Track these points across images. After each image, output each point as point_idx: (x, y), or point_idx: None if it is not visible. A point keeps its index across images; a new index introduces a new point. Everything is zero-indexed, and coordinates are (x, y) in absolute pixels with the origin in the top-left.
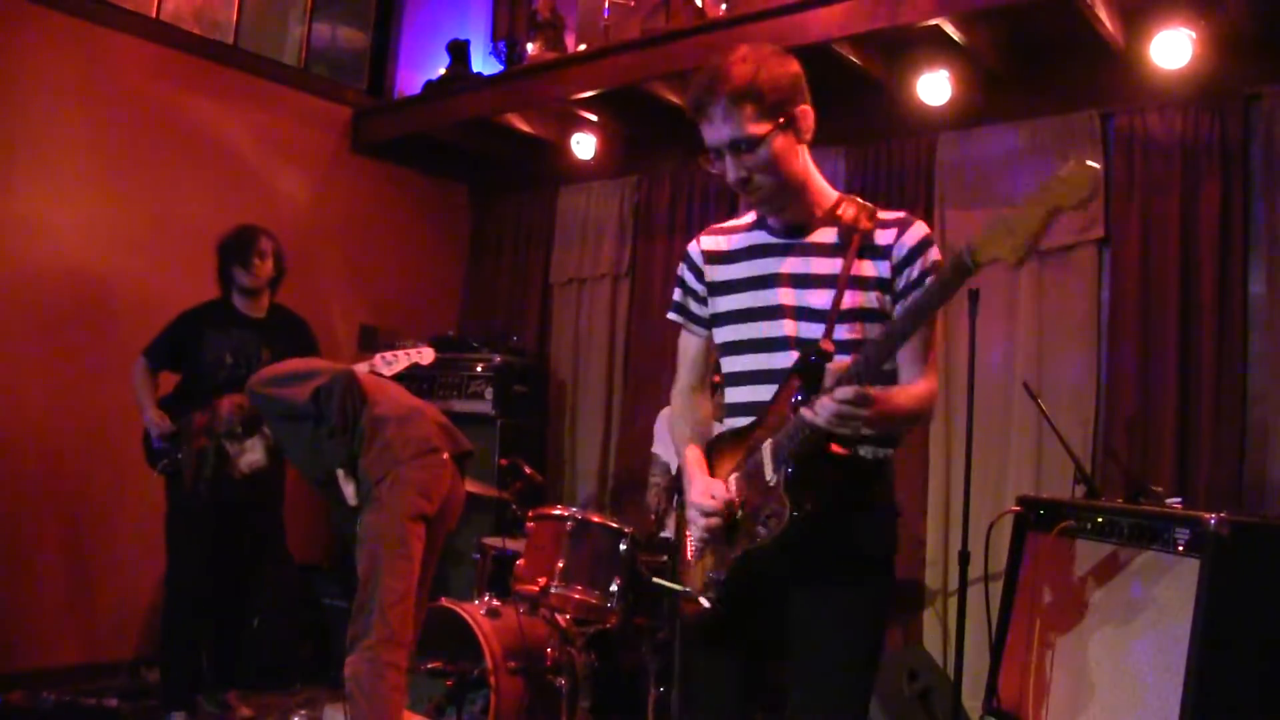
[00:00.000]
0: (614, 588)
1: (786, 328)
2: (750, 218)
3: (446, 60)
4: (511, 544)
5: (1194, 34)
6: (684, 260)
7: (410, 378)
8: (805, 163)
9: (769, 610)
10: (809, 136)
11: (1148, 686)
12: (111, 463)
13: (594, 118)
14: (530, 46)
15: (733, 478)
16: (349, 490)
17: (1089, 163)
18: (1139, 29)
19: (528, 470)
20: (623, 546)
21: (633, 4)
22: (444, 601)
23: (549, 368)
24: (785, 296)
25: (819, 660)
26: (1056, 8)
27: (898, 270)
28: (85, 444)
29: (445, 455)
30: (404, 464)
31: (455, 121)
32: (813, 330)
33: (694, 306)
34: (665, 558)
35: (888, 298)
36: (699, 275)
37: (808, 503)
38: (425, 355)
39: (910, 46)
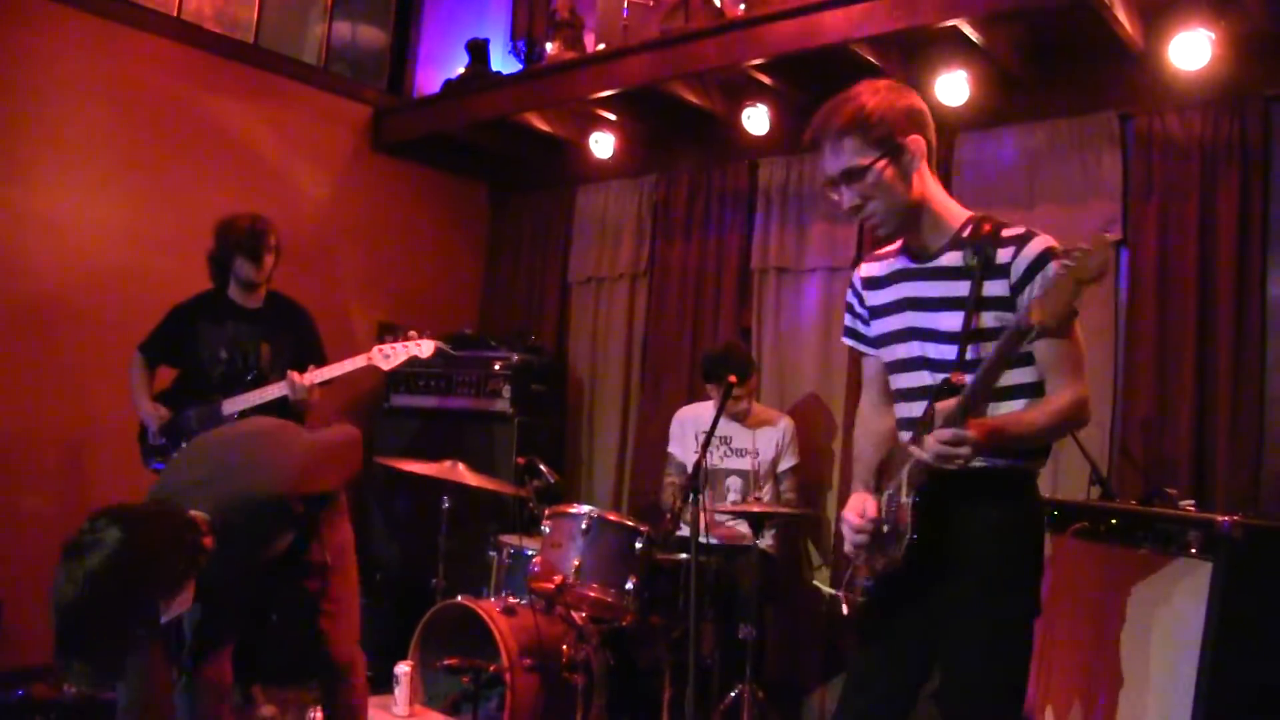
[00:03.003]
0: (629, 586)
1: (916, 349)
2: (898, 243)
3: (466, 59)
4: (528, 542)
5: (1213, 35)
6: (850, 287)
7: (429, 376)
8: (923, 189)
9: (916, 614)
10: (920, 163)
11: (1161, 688)
12: (133, 459)
13: (613, 117)
14: (549, 46)
15: (886, 495)
16: None
17: (1106, 235)
18: (1158, 30)
19: (544, 468)
20: (638, 545)
21: (651, 4)
22: (460, 599)
23: (567, 366)
24: (916, 319)
25: (947, 670)
26: (1075, 9)
27: (1017, 289)
28: (107, 440)
29: None
30: None
31: (474, 120)
32: (940, 351)
33: (862, 329)
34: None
35: (1011, 316)
36: (861, 301)
37: (928, 526)
38: (425, 348)
39: (928, 47)
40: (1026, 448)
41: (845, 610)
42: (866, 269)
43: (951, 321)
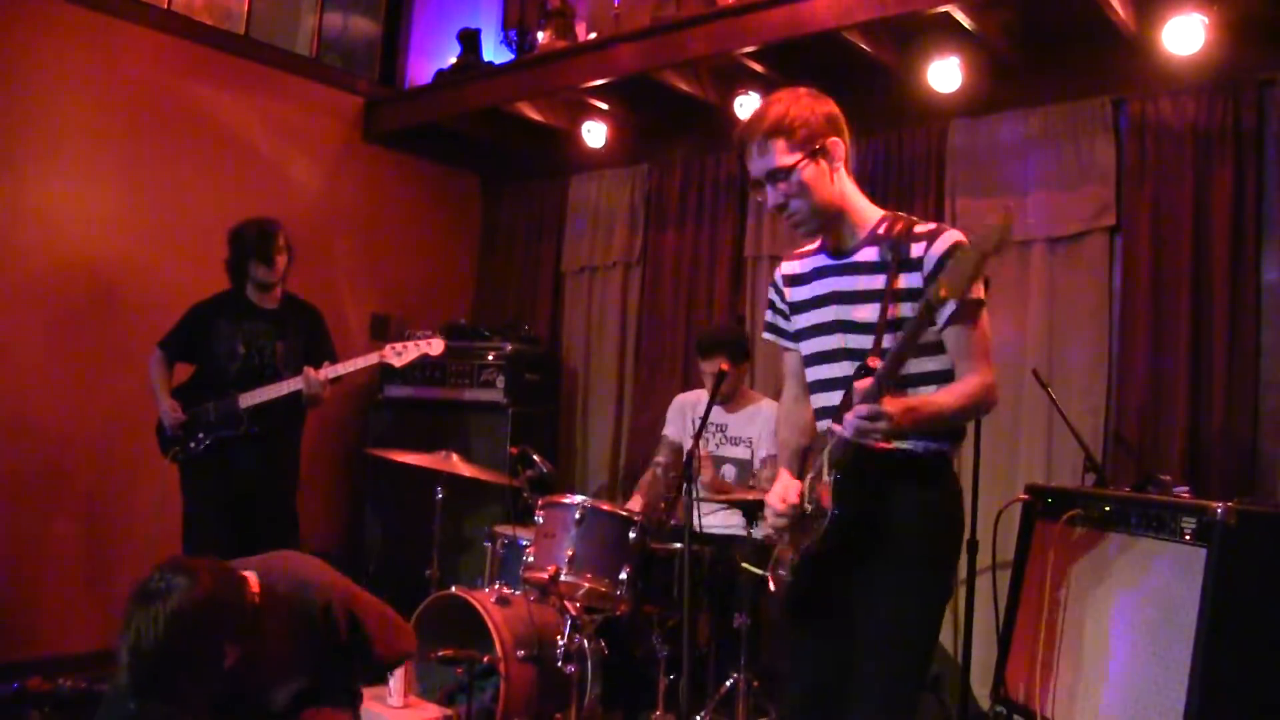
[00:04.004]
0: (623, 575)
1: (838, 340)
2: (818, 242)
3: (457, 49)
4: (521, 532)
5: (1207, 19)
6: (771, 285)
7: (423, 367)
8: (841, 189)
9: (838, 590)
10: (840, 165)
11: (1155, 675)
12: (125, 451)
13: (605, 106)
14: (541, 35)
15: (809, 478)
16: None
17: (1010, 213)
18: (1151, 15)
19: (537, 458)
20: (632, 534)
21: None
22: (454, 590)
23: (560, 356)
24: (837, 312)
25: (866, 641)
26: None
27: (929, 280)
28: (100, 433)
29: None
30: None
31: (466, 110)
32: (858, 341)
33: (782, 324)
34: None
35: None
36: (782, 297)
37: (849, 503)
38: (435, 346)
39: (921, 33)
40: (939, 429)
41: (772, 588)
42: (787, 266)
43: (867, 313)
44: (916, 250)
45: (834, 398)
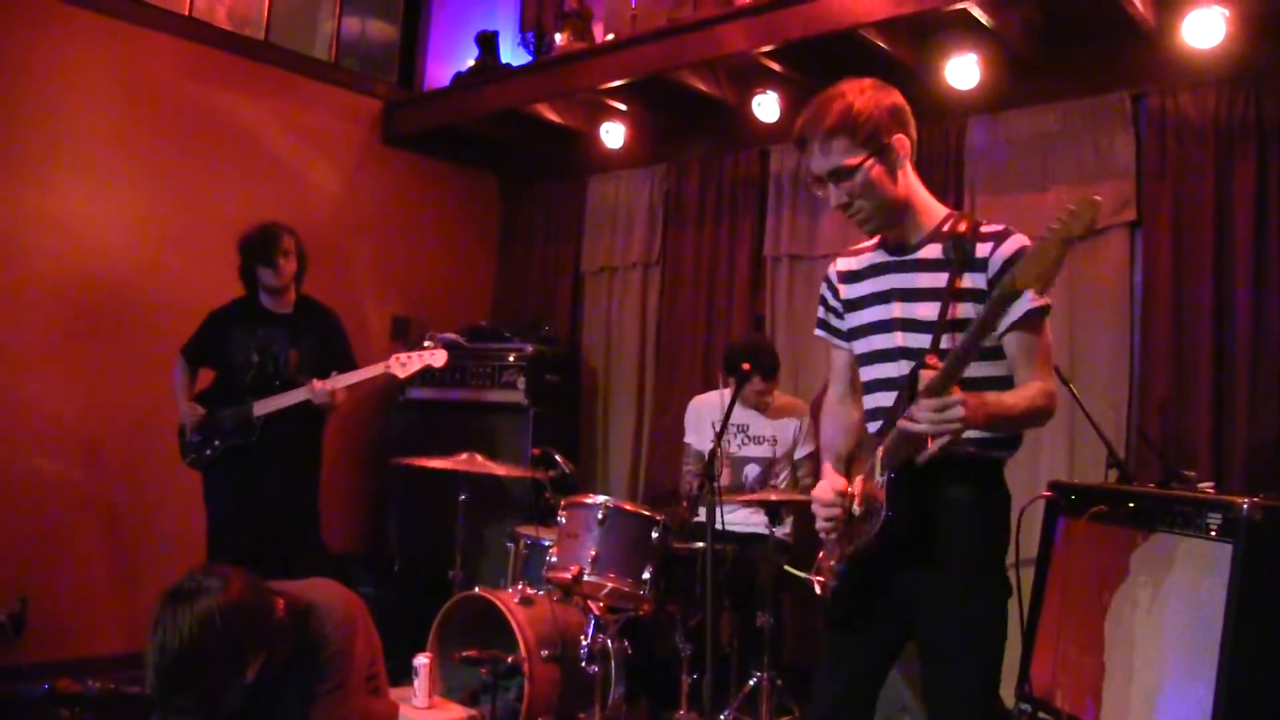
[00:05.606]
0: (646, 575)
1: (897, 339)
2: (875, 239)
3: (475, 52)
4: (544, 532)
5: (1227, 12)
6: (825, 281)
7: (444, 369)
8: (907, 185)
9: (888, 596)
10: (905, 161)
11: (1181, 672)
12: (152, 456)
13: (623, 107)
14: (558, 37)
15: (858, 480)
16: None
17: (1094, 197)
18: (1170, 8)
19: (559, 459)
20: (654, 534)
21: None
22: (478, 590)
23: (581, 357)
24: (896, 310)
25: (935, 647)
26: None
27: (993, 283)
28: (127, 438)
29: None
30: None
31: (485, 112)
32: (918, 340)
33: (835, 322)
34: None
35: None
36: (835, 294)
37: (903, 504)
38: (439, 357)
39: (938, 30)
40: (1004, 430)
41: (819, 591)
42: (843, 263)
43: (928, 311)
44: (982, 250)
45: (889, 398)
